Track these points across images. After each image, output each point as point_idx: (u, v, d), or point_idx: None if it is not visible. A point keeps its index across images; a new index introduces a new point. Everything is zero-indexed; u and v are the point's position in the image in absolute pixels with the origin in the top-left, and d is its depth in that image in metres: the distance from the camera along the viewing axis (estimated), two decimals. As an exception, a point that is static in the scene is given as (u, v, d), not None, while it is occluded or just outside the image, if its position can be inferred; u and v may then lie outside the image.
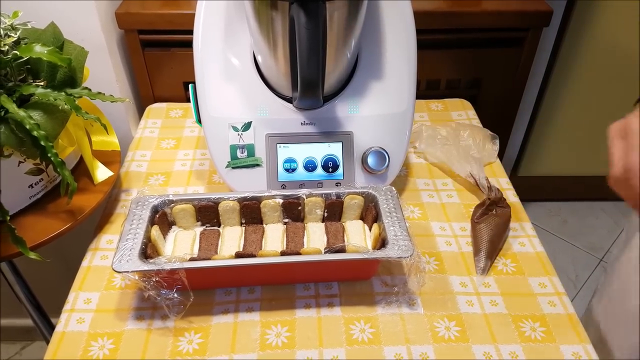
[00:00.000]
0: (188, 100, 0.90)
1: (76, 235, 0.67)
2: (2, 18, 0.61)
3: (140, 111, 0.94)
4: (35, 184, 0.65)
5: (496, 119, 1.06)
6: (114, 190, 0.74)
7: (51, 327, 0.90)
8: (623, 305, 0.61)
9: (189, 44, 0.70)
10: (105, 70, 0.85)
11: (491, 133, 0.81)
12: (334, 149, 0.70)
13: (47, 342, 0.91)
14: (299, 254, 0.57)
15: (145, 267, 0.54)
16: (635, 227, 0.62)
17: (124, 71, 0.90)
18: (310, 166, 0.69)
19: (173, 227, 0.64)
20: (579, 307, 0.59)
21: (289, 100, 0.69)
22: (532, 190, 1.59)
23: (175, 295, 0.55)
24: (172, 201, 0.63)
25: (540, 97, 1.43)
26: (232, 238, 0.63)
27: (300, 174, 0.69)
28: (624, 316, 0.61)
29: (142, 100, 0.96)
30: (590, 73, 1.37)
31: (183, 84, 0.94)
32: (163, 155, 0.81)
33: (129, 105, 0.92)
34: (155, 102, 0.94)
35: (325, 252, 0.59)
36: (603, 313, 0.66)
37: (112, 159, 0.72)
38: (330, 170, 0.70)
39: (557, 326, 0.58)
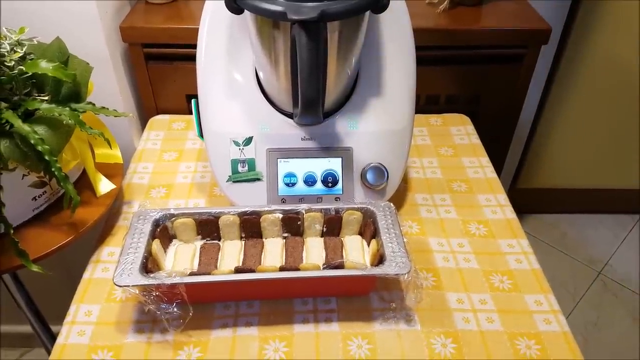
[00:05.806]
0: (190, 113, 0.91)
1: (78, 246, 0.68)
2: (8, 34, 0.62)
3: (143, 123, 0.95)
4: (39, 197, 0.66)
5: (495, 132, 1.07)
6: (115, 203, 0.75)
7: (51, 335, 0.91)
8: None
9: (191, 58, 0.71)
10: (109, 83, 0.86)
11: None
12: (334, 164, 0.71)
13: (47, 349, 0.92)
14: (297, 269, 0.58)
15: (145, 281, 0.55)
16: None
17: (127, 83, 0.92)
18: (310, 181, 0.70)
19: (174, 240, 0.65)
20: (578, 320, 0.59)
21: (289, 115, 0.70)
22: (531, 202, 1.60)
23: (175, 309, 0.56)
24: (173, 215, 0.64)
25: (540, 110, 1.45)
26: (231, 252, 0.64)
27: (300, 188, 0.70)
28: None
29: (145, 112, 0.97)
30: (588, 87, 1.38)
31: (186, 96, 0.95)
32: (165, 168, 0.82)
33: (132, 117, 0.93)
34: (158, 113, 0.95)
35: (324, 268, 0.59)
36: None
37: (114, 171, 0.73)
38: (330, 185, 0.70)
39: (552, 344, 0.58)
